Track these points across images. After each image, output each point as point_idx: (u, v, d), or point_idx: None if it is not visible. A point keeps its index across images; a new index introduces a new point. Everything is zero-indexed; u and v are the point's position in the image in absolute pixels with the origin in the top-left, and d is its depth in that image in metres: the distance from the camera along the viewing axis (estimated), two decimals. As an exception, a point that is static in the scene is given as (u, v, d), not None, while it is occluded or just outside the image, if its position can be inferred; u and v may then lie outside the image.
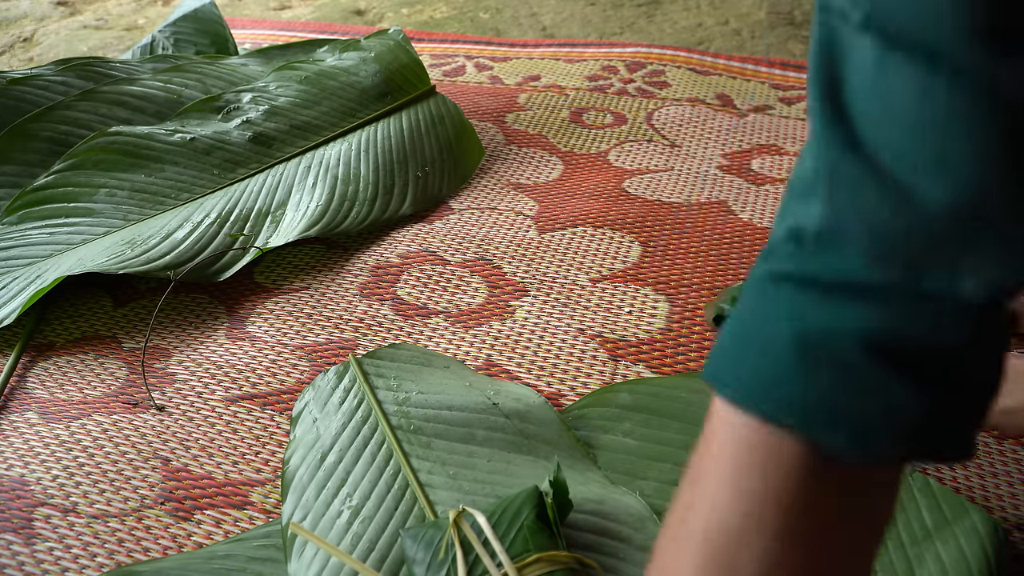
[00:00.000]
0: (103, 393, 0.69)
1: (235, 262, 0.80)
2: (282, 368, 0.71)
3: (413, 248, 0.84)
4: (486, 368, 0.70)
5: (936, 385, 0.28)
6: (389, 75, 1.01)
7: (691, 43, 1.35)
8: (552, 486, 0.51)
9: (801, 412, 0.28)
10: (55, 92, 0.96)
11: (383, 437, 0.60)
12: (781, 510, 0.29)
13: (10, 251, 0.80)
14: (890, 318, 0.28)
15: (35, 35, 1.54)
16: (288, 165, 0.90)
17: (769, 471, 0.29)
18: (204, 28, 1.16)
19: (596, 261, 0.81)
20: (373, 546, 0.52)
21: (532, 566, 0.47)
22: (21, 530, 0.58)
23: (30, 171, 0.88)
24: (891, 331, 0.28)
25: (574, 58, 1.23)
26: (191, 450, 0.64)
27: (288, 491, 0.57)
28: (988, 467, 0.60)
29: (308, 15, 1.54)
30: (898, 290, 0.28)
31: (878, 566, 0.52)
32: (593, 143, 1.02)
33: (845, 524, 0.30)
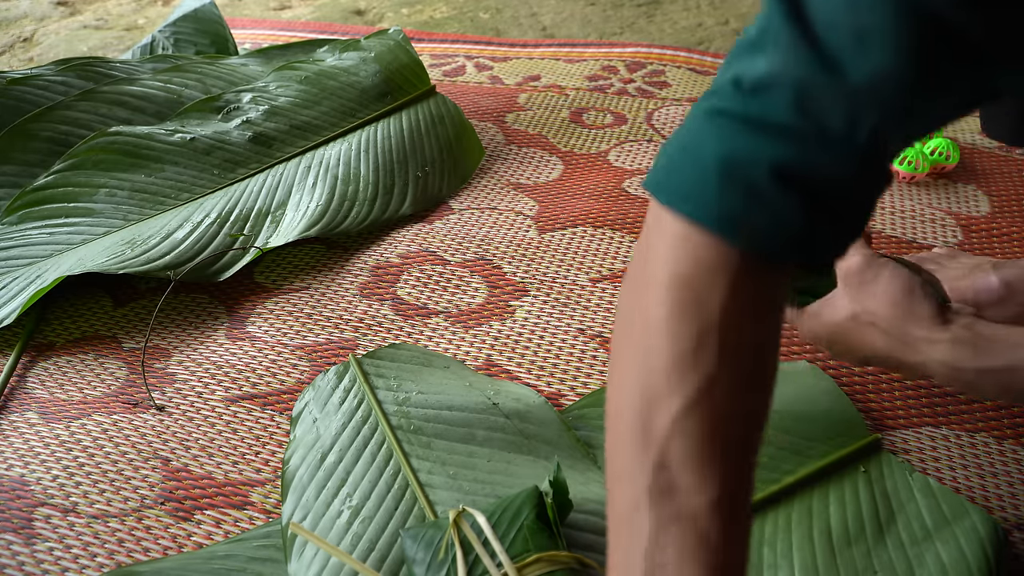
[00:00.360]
0: (103, 393, 0.69)
1: (235, 262, 0.80)
2: (282, 368, 0.71)
3: (413, 248, 0.84)
4: (486, 368, 0.70)
5: (820, 207, 0.36)
6: (389, 75, 1.01)
7: (691, 43, 1.35)
8: (552, 486, 0.51)
9: (716, 217, 0.36)
10: (55, 92, 0.96)
11: (383, 437, 0.60)
12: (703, 287, 0.36)
13: (10, 251, 0.80)
14: (798, 153, 0.35)
15: (35, 35, 1.54)
16: (288, 165, 0.90)
17: (693, 258, 0.37)
18: (204, 28, 1.16)
19: (596, 261, 0.81)
20: (373, 546, 0.52)
21: (532, 566, 0.47)
22: (21, 530, 0.58)
23: (30, 171, 0.88)
24: (796, 162, 0.36)
25: (574, 58, 1.23)
26: (191, 450, 0.64)
27: (288, 491, 0.57)
28: (988, 467, 0.60)
29: (308, 15, 1.54)
30: (809, 132, 0.35)
31: (878, 566, 0.52)
32: (593, 143, 1.02)
33: (748, 309, 0.37)
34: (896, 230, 0.84)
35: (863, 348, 0.56)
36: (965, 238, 0.83)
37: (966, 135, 1.01)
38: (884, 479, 0.57)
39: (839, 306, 0.57)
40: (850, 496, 0.56)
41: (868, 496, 0.56)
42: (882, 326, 0.54)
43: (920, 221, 0.86)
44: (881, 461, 0.59)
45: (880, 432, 0.62)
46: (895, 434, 0.63)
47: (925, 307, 0.52)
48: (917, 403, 0.66)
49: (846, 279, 0.56)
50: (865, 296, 0.55)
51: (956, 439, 0.63)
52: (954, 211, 0.87)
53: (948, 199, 0.89)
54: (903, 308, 0.53)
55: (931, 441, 0.62)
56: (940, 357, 0.51)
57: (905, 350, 0.53)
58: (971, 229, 0.85)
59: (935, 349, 0.51)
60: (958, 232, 0.84)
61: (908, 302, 0.53)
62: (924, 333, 0.52)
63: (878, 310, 0.54)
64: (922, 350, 0.52)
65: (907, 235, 0.84)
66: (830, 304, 0.57)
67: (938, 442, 0.62)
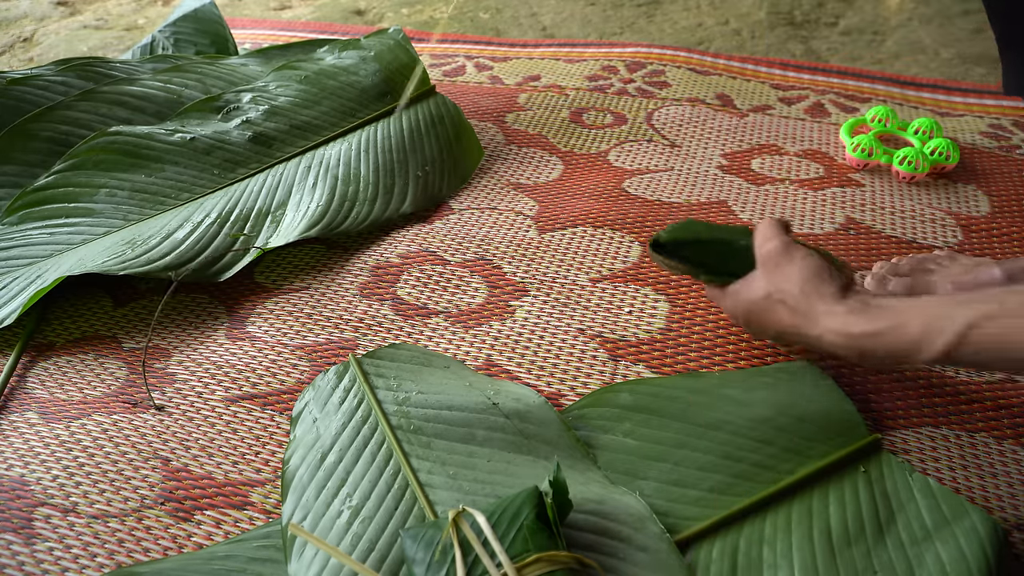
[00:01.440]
0: (103, 393, 0.69)
1: (235, 262, 0.80)
2: (282, 368, 0.71)
3: (413, 248, 0.84)
4: (486, 368, 0.70)
5: None
6: (389, 75, 1.01)
7: (691, 43, 1.35)
8: (552, 486, 0.51)
9: None
10: (55, 92, 0.96)
11: (383, 437, 0.60)
12: None
13: (10, 251, 0.80)
14: None
15: (35, 35, 1.54)
16: (288, 165, 0.90)
17: None
18: (204, 28, 1.16)
19: (596, 261, 0.81)
20: (373, 546, 0.52)
21: (532, 566, 0.47)
22: (21, 530, 0.58)
23: (30, 171, 0.89)
24: None
25: (574, 58, 1.23)
26: (191, 450, 0.64)
27: (288, 491, 0.57)
28: (988, 467, 0.60)
29: (308, 15, 1.54)
30: None
31: (878, 566, 0.52)
32: (593, 143, 1.02)
33: None
34: (896, 230, 0.84)
35: (774, 324, 0.61)
36: (965, 238, 0.83)
37: (966, 135, 1.01)
38: (884, 479, 0.58)
39: (756, 286, 0.62)
40: (850, 496, 0.56)
41: (868, 496, 0.56)
42: (790, 303, 0.59)
43: (920, 221, 0.86)
44: (881, 461, 0.59)
45: (880, 432, 0.62)
46: (895, 434, 0.63)
47: (829, 287, 0.58)
48: (917, 403, 0.66)
49: (764, 262, 0.62)
50: (779, 277, 0.60)
51: (956, 439, 0.63)
52: (954, 211, 0.87)
53: (948, 199, 0.89)
54: (811, 287, 0.58)
55: (931, 441, 0.62)
56: (835, 327, 0.56)
57: (807, 324, 0.58)
58: (971, 229, 0.85)
59: (832, 320, 0.56)
60: (958, 232, 0.84)
61: (816, 282, 0.58)
62: (824, 307, 0.57)
63: (789, 289, 0.59)
64: (821, 322, 0.57)
65: (907, 235, 0.84)
66: (748, 284, 0.63)
67: (938, 442, 0.62)
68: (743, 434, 0.60)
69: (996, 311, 0.49)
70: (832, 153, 0.98)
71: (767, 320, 0.62)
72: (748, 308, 0.63)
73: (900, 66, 1.26)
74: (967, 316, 0.50)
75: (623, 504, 0.55)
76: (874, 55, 1.30)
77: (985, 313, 0.50)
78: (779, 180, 0.93)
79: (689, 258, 0.68)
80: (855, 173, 0.94)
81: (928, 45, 1.32)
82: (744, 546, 0.54)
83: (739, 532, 0.55)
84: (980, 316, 0.50)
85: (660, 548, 0.53)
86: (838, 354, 0.58)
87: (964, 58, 1.27)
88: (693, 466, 0.58)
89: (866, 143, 0.93)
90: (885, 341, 0.54)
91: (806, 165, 0.96)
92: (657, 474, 0.58)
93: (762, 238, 0.63)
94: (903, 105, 1.08)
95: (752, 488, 0.57)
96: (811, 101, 1.09)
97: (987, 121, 1.04)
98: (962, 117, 1.06)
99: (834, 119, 1.05)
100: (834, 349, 0.58)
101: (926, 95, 1.11)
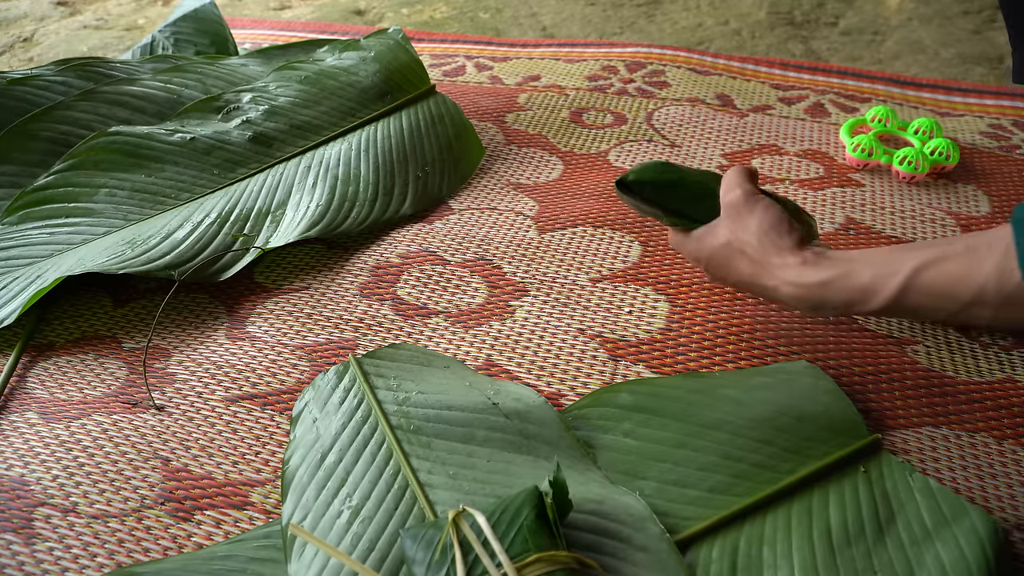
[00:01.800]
0: (103, 393, 0.69)
1: (235, 262, 0.80)
2: (282, 368, 0.71)
3: (413, 248, 0.84)
4: (486, 368, 0.70)
5: None
6: (389, 75, 1.01)
7: (691, 43, 1.35)
8: (552, 486, 0.51)
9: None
10: (55, 92, 0.96)
11: (383, 437, 0.60)
12: None
13: (10, 251, 0.80)
14: None
15: (35, 35, 1.54)
16: (288, 165, 0.90)
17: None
18: (204, 28, 1.16)
19: (596, 261, 0.81)
20: (373, 546, 0.52)
21: (532, 566, 0.47)
22: (21, 530, 0.58)
23: (30, 171, 0.89)
24: None
25: (574, 58, 1.23)
26: (191, 450, 0.64)
27: (288, 491, 0.57)
28: (988, 468, 0.60)
29: (308, 15, 1.54)
30: None
31: (878, 566, 0.52)
32: (593, 143, 1.02)
33: None
34: (896, 230, 0.84)
35: (733, 273, 0.63)
36: (965, 238, 0.83)
37: (966, 135, 1.01)
38: (884, 479, 0.58)
39: (718, 233, 0.63)
40: (850, 496, 0.56)
41: (868, 496, 0.56)
42: (749, 253, 0.61)
43: (920, 221, 0.86)
44: (881, 461, 0.59)
45: (880, 432, 0.62)
46: (895, 434, 0.63)
47: (786, 239, 0.59)
48: (917, 403, 0.66)
49: (727, 210, 0.63)
50: (739, 227, 0.61)
51: (956, 439, 0.63)
52: (954, 211, 0.87)
53: (948, 199, 0.89)
54: (769, 239, 0.59)
55: (931, 441, 0.62)
56: (789, 278, 0.58)
57: (764, 274, 0.60)
58: (971, 229, 0.85)
59: (786, 271, 0.58)
60: (958, 232, 0.84)
61: (774, 234, 0.59)
62: (779, 259, 0.59)
63: (749, 239, 0.60)
64: (776, 274, 0.59)
65: (907, 235, 0.84)
66: (711, 231, 0.64)
67: (938, 442, 0.62)
68: (743, 434, 0.60)
69: (941, 254, 0.51)
70: (832, 153, 0.98)
71: (727, 268, 0.63)
72: (710, 255, 0.64)
73: (900, 66, 1.26)
74: (915, 260, 0.52)
75: (623, 504, 0.55)
76: (874, 55, 1.30)
77: (931, 256, 0.51)
78: (779, 180, 0.93)
79: (655, 200, 0.68)
80: (855, 173, 0.94)
81: (928, 45, 1.32)
82: (744, 546, 0.54)
83: (739, 532, 0.55)
84: (927, 260, 0.51)
85: (660, 548, 0.53)
86: (793, 306, 0.60)
87: (964, 58, 1.27)
88: (693, 466, 0.58)
89: (866, 143, 0.93)
90: (836, 289, 0.56)
91: (806, 165, 0.96)
92: (657, 474, 0.58)
93: (727, 186, 0.64)
94: (903, 105, 1.08)
95: (752, 488, 0.57)
96: (811, 101, 1.09)
97: (987, 121, 1.04)
98: (962, 117, 1.06)
99: (834, 119, 1.05)
100: (789, 300, 0.60)
101: (926, 95, 1.11)
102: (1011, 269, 0.46)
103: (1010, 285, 0.46)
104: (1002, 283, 0.47)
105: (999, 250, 0.46)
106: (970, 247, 0.49)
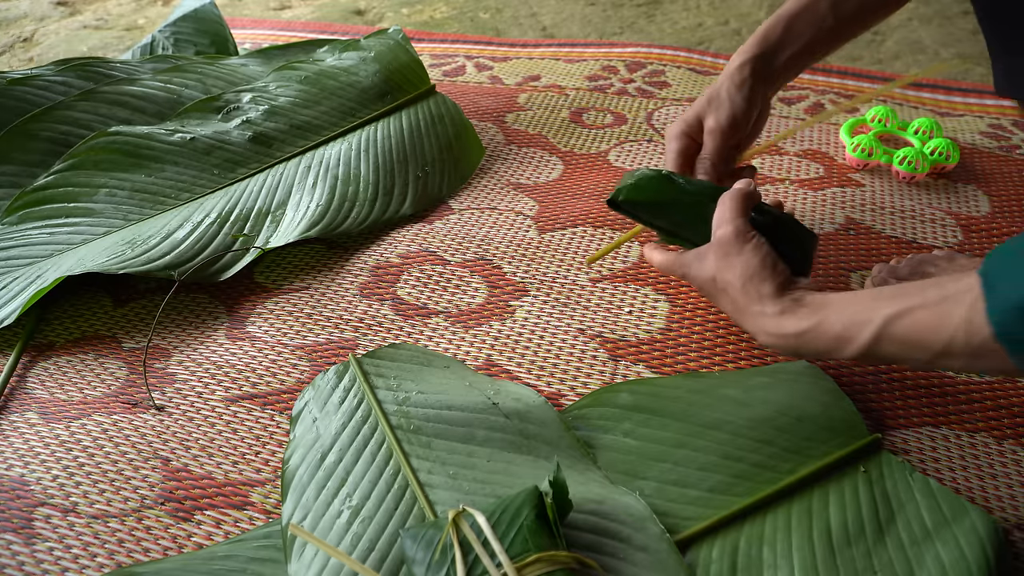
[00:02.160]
0: (103, 393, 0.69)
1: (235, 262, 0.80)
2: (282, 368, 0.71)
3: (413, 248, 0.84)
4: (486, 368, 0.70)
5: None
6: (389, 75, 1.01)
7: (691, 43, 1.35)
8: (552, 486, 0.51)
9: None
10: (55, 92, 0.96)
11: (383, 437, 0.60)
12: None
13: (10, 251, 0.80)
14: None
15: (35, 35, 1.54)
16: (288, 165, 0.90)
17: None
18: (204, 28, 1.16)
19: (596, 261, 0.81)
20: (373, 546, 0.52)
21: (532, 566, 0.47)
22: (21, 530, 0.58)
23: (30, 171, 0.89)
24: None
25: (574, 58, 1.23)
26: (191, 450, 0.64)
27: (288, 491, 0.57)
28: (988, 468, 0.60)
29: (308, 15, 1.54)
30: None
31: (878, 566, 0.52)
32: (593, 143, 1.02)
33: None
34: (896, 230, 0.84)
35: (717, 303, 0.64)
36: (965, 238, 0.83)
37: (966, 135, 1.01)
38: (884, 479, 0.58)
39: (706, 267, 0.64)
40: (850, 496, 0.56)
41: (868, 496, 0.56)
42: (731, 294, 0.61)
43: (920, 221, 0.86)
44: (881, 461, 0.59)
45: (880, 432, 0.62)
46: (895, 434, 0.63)
47: (767, 286, 0.59)
48: (917, 403, 0.66)
49: (716, 246, 0.63)
50: (725, 266, 0.62)
51: (956, 439, 0.63)
52: (954, 211, 0.87)
53: (948, 199, 0.89)
54: (752, 284, 0.60)
55: (931, 441, 0.62)
56: (767, 328, 0.59)
57: (743, 319, 0.61)
58: (971, 229, 0.85)
59: (764, 321, 0.59)
60: (958, 232, 0.84)
61: (757, 280, 0.60)
62: (758, 308, 0.59)
63: (732, 281, 0.61)
64: (755, 322, 0.60)
65: (907, 235, 0.84)
66: (700, 260, 0.64)
67: (938, 442, 0.62)
68: (743, 434, 0.60)
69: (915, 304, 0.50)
70: (832, 153, 0.98)
71: (712, 299, 0.65)
72: (699, 285, 0.66)
73: (900, 66, 1.26)
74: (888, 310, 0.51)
75: (623, 504, 0.55)
76: (874, 55, 1.30)
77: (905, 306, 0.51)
78: (779, 180, 0.93)
79: (645, 220, 0.69)
80: (855, 173, 0.94)
81: (928, 45, 1.32)
82: (744, 546, 0.54)
83: (739, 532, 0.55)
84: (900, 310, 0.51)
85: (660, 548, 0.53)
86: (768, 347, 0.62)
87: (964, 58, 1.27)
88: (693, 466, 0.58)
89: (866, 143, 0.93)
90: (810, 339, 0.56)
91: (806, 165, 0.96)
92: (657, 474, 0.58)
93: (719, 218, 0.63)
94: (903, 105, 1.08)
95: (752, 488, 0.57)
96: (811, 101, 1.09)
97: (987, 121, 1.04)
98: (962, 117, 1.06)
99: (834, 119, 1.05)
100: (767, 346, 0.61)
101: (926, 95, 1.11)
102: (979, 323, 0.45)
103: (978, 339, 0.46)
104: (970, 336, 0.46)
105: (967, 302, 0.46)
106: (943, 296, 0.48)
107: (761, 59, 0.72)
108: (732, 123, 0.72)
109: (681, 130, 0.74)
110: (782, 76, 0.75)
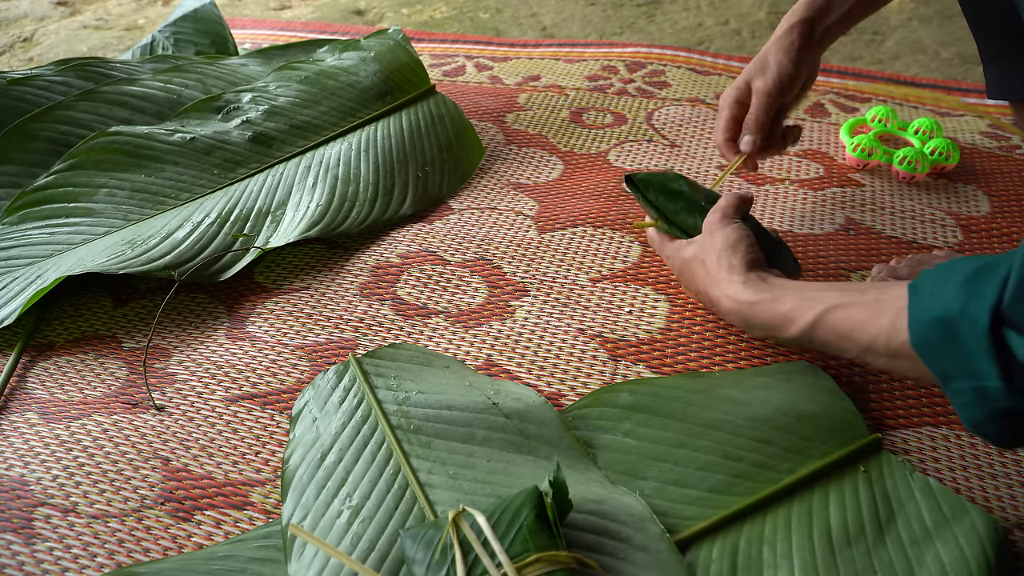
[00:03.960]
0: (103, 393, 0.69)
1: (235, 262, 0.80)
2: (282, 368, 0.71)
3: (413, 248, 0.84)
4: (486, 368, 0.70)
5: None
6: (389, 75, 1.01)
7: (691, 43, 1.35)
8: (552, 486, 0.51)
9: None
10: (55, 92, 0.96)
11: (383, 437, 0.60)
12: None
13: (10, 251, 0.80)
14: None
15: (35, 35, 1.54)
16: (288, 165, 0.90)
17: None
18: (204, 28, 1.16)
19: (596, 261, 0.81)
20: (373, 546, 0.52)
21: (532, 566, 0.47)
22: (21, 530, 0.58)
23: (30, 171, 0.89)
24: None
25: (574, 58, 1.23)
26: (191, 450, 0.64)
27: (288, 491, 0.57)
28: (988, 468, 0.60)
29: (308, 15, 1.54)
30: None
31: (878, 566, 0.52)
32: (593, 143, 1.02)
33: None
34: (896, 230, 0.84)
35: (695, 281, 0.68)
36: (965, 238, 0.83)
37: (966, 135, 1.01)
38: (884, 479, 0.58)
39: (691, 247, 0.69)
40: (850, 496, 0.56)
41: (868, 496, 0.56)
42: (707, 264, 0.66)
43: (920, 221, 0.86)
44: (881, 461, 0.59)
45: (880, 432, 0.62)
46: (895, 434, 0.63)
47: (739, 259, 0.64)
48: (917, 403, 0.66)
49: (704, 228, 0.69)
50: (706, 242, 0.67)
51: (956, 439, 0.63)
52: (954, 211, 0.87)
53: (948, 199, 0.89)
54: (725, 255, 0.65)
55: (931, 441, 0.62)
56: (729, 292, 0.63)
57: (712, 286, 0.65)
58: (971, 229, 0.85)
59: (728, 286, 0.63)
60: (958, 232, 0.84)
61: (731, 252, 0.64)
62: (727, 275, 0.64)
63: (709, 252, 0.66)
64: (721, 287, 0.64)
65: (907, 235, 0.84)
66: (689, 244, 0.70)
67: (938, 442, 0.62)
68: (743, 434, 0.60)
69: (852, 300, 0.54)
70: (832, 153, 0.98)
71: (690, 276, 0.69)
72: (681, 264, 0.70)
73: (900, 66, 1.26)
74: (830, 300, 0.55)
75: (623, 504, 0.55)
76: (874, 55, 1.30)
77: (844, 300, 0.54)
78: (779, 180, 0.93)
79: (651, 201, 0.74)
80: (855, 173, 0.94)
81: (928, 45, 1.32)
82: (744, 546, 0.54)
83: (739, 532, 0.55)
84: (840, 302, 0.55)
85: (660, 548, 0.53)
86: (729, 320, 0.65)
87: (964, 58, 1.27)
88: (693, 466, 0.58)
89: (866, 143, 0.93)
90: (761, 311, 0.60)
91: (806, 165, 0.96)
92: (657, 474, 0.58)
93: (712, 209, 0.70)
94: (903, 105, 1.08)
95: (752, 488, 0.57)
96: (811, 101, 1.09)
97: (987, 121, 1.04)
98: (962, 117, 1.06)
99: (834, 119, 1.05)
100: (726, 314, 0.65)
101: (926, 95, 1.11)
102: (900, 328, 0.49)
103: (896, 342, 0.49)
104: (891, 338, 0.50)
105: (896, 308, 0.49)
106: (879, 299, 0.52)
107: (808, 23, 0.76)
108: (779, 86, 0.76)
109: (734, 98, 0.79)
110: (828, 38, 0.78)
